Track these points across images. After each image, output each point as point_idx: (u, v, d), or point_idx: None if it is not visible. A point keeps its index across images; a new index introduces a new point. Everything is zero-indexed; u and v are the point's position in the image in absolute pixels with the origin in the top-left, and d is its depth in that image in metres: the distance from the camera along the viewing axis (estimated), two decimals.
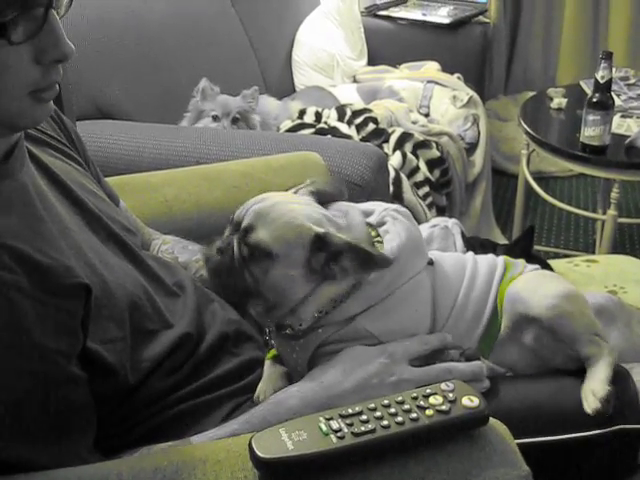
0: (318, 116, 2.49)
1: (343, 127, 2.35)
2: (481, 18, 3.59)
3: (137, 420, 0.91)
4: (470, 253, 1.12)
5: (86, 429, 0.85)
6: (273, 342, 1.05)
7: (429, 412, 0.73)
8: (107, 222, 1.04)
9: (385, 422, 0.72)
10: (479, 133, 2.91)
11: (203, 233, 1.39)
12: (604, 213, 2.73)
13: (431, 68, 3.15)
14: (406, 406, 0.74)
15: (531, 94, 3.99)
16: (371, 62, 3.38)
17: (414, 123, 2.68)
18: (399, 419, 0.72)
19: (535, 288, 1.02)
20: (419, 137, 2.43)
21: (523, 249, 1.38)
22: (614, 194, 2.15)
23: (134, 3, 2.27)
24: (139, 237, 1.18)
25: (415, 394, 0.76)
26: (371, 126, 2.37)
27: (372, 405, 0.74)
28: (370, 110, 2.46)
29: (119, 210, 1.18)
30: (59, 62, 0.80)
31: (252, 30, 2.80)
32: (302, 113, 2.51)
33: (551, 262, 1.53)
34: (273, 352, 1.06)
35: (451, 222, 1.43)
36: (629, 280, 1.61)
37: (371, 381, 0.91)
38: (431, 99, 2.91)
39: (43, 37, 0.76)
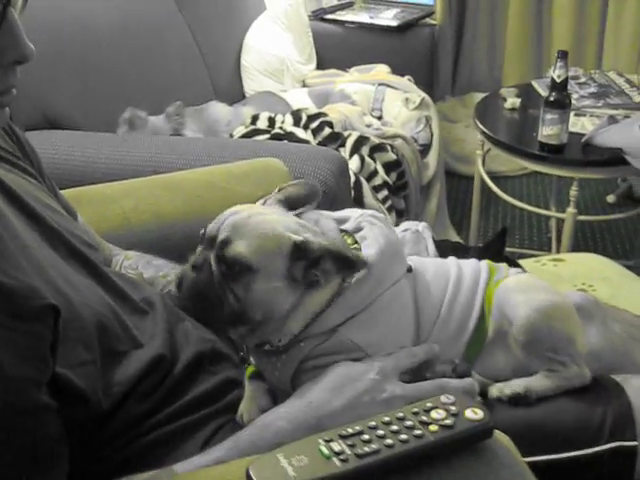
0: (271, 121, 2.44)
1: (299, 132, 2.30)
2: (428, 20, 3.60)
3: (113, 449, 0.85)
4: (452, 258, 1.08)
5: (59, 463, 0.78)
6: (251, 359, 1.00)
7: (433, 428, 0.69)
8: (67, 237, 0.98)
9: (389, 441, 0.67)
10: (432, 135, 2.90)
11: (165, 246, 1.35)
12: (557, 211, 2.75)
13: (381, 71, 3.14)
14: (408, 422, 0.70)
15: (478, 95, 4.02)
16: (320, 66, 3.35)
17: (368, 126, 2.65)
18: (403, 437, 0.68)
19: (522, 293, 1.00)
20: (375, 140, 2.40)
21: (496, 251, 1.35)
22: (573, 192, 2.15)
23: (80, 8, 2.18)
24: (100, 253, 1.11)
25: (416, 409, 0.72)
26: (327, 130, 2.33)
27: (372, 423, 0.70)
28: (325, 114, 2.42)
29: (78, 224, 1.12)
30: (18, 64, 0.74)
31: (200, 35, 2.73)
32: (255, 119, 2.45)
33: (519, 262, 1.52)
34: (252, 368, 1.01)
35: (422, 226, 1.40)
36: (596, 278, 1.61)
37: (362, 399, 0.87)
38: (383, 102, 2.89)
39: (1, 36, 0.70)
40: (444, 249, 1.42)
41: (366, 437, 0.68)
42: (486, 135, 2.40)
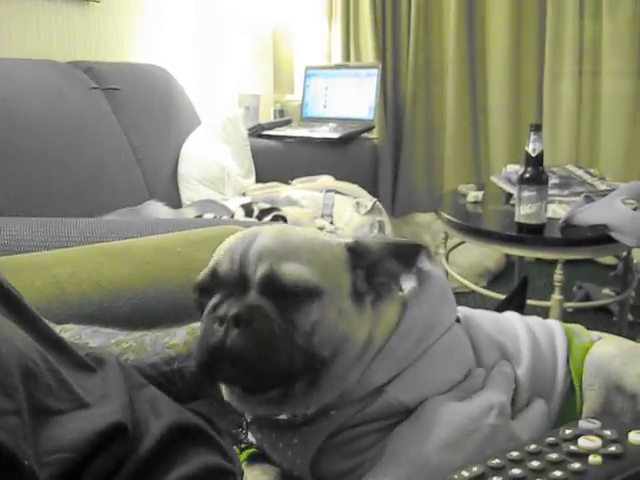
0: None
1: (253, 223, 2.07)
2: (368, 135, 3.51)
3: None
4: (511, 312, 0.85)
5: None
6: (250, 438, 0.72)
7: (595, 458, 0.42)
8: None
9: None
10: None
11: (109, 319, 1.07)
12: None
13: (326, 180, 2.98)
14: (551, 456, 0.43)
15: (420, 215, 3.91)
16: (259, 181, 3.18)
17: (321, 229, 2.44)
18: (557, 475, 0.41)
19: (630, 358, 0.77)
20: None
21: (518, 303, 1.13)
22: (558, 276, 1.96)
23: (7, 93, 1.95)
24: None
25: (551, 438, 0.45)
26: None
27: (496, 462, 0.43)
28: (278, 209, 2.21)
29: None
30: None
31: (135, 140, 2.53)
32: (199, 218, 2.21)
33: None
34: (248, 451, 0.73)
35: None
36: None
37: (485, 453, 0.62)
38: (333, 207, 2.70)
39: None
40: None
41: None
42: (456, 225, 2.20)
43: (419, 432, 0.64)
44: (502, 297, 2.29)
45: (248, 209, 2.17)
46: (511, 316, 0.84)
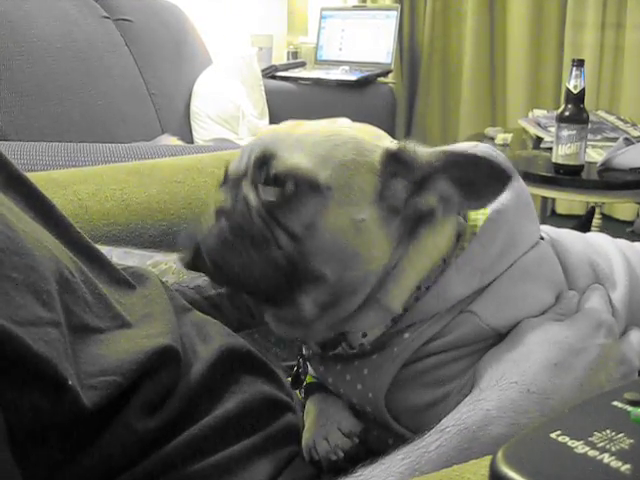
0: None
1: None
2: (384, 80, 3.38)
3: None
4: (595, 233, 0.76)
5: None
6: (311, 370, 0.64)
7: None
8: (6, 160, 0.61)
9: None
10: None
11: (137, 242, 0.98)
12: None
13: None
14: None
15: None
16: (272, 123, 3.06)
17: None
18: None
19: None
20: None
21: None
22: (597, 220, 1.86)
23: (16, 17, 1.83)
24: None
25: None
26: None
27: None
28: None
29: None
30: None
31: (148, 74, 2.41)
32: None
33: None
34: (309, 378, 0.65)
35: None
36: None
37: (597, 376, 0.55)
38: None
39: None
40: None
41: None
42: None
43: (520, 353, 0.56)
44: None
45: None
46: (598, 236, 0.75)
